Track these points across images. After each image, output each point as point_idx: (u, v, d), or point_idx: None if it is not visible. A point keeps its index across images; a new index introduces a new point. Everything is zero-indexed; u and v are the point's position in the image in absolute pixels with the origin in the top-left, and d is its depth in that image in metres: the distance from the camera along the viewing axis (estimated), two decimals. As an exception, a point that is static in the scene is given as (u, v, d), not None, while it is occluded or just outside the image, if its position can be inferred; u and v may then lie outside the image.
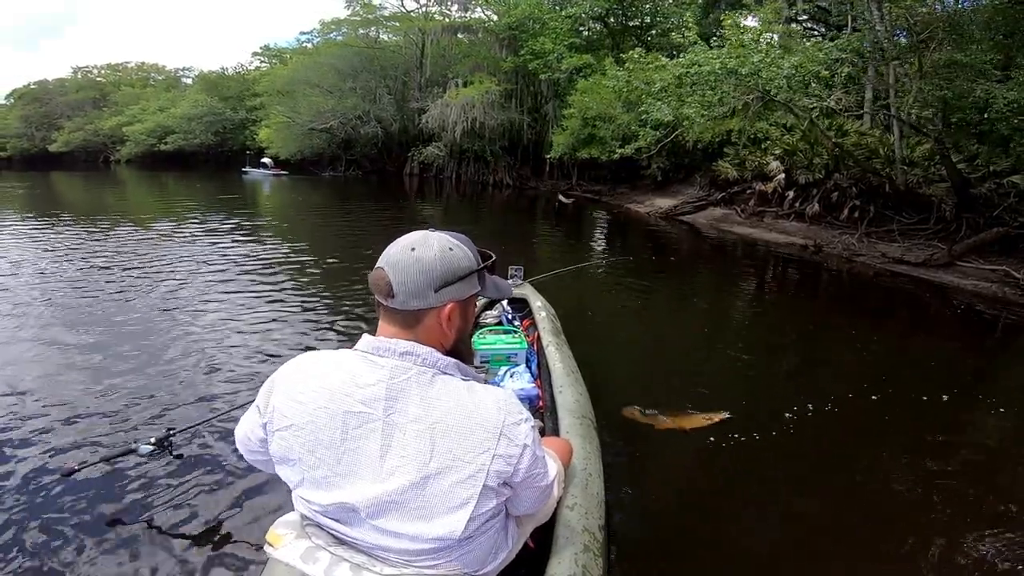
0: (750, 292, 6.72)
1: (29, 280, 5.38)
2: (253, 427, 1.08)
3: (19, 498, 2.08)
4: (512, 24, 20.36)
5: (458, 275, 1.01)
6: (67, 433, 2.54)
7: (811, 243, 8.94)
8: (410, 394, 0.96)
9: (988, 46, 5.57)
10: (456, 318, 1.03)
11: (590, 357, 2.82)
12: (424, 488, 0.95)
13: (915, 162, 8.16)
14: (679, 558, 1.96)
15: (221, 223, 10.01)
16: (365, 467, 0.97)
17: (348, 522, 1.02)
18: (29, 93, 44.91)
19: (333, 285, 5.53)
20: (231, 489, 2.17)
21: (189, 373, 3.25)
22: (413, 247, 0.99)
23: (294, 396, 1.01)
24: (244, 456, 1.16)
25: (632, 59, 8.23)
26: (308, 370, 1.03)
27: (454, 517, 0.96)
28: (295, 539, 1.06)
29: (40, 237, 7.99)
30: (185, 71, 44.68)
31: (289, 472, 1.05)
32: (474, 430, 0.95)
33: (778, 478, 2.49)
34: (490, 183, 22.00)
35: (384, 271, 0.98)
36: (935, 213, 8.11)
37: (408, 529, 0.98)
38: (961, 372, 4.14)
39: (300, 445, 1.00)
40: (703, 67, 6.41)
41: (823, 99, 7.10)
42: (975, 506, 2.30)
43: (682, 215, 12.61)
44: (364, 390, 0.97)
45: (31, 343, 3.70)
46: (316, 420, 0.98)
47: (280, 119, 26.49)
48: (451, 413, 0.96)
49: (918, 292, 6.76)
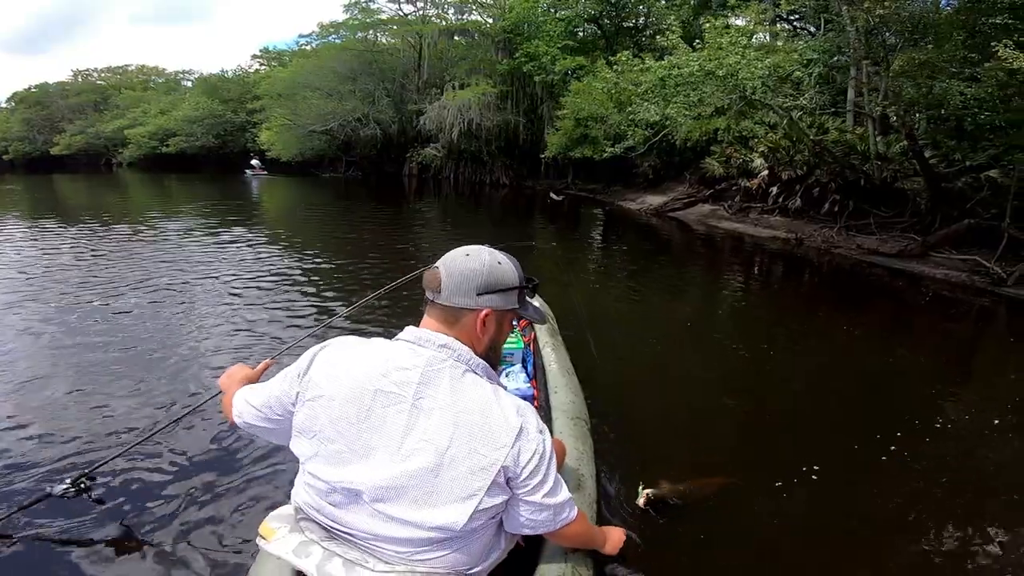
0: (735, 284, 6.96)
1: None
2: (282, 393, 1.13)
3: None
4: (507, 27, 20.78)
5: (500, 286, 1.10)
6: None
7: (793, 237, 9.27)
8: (441, 383, 1.03)
9: (951, 46, 5.87)
10: (491, 324, 1.11)
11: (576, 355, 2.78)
12: (437, 474, 1.00)
13: (890, 158, 8.47)
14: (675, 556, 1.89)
15: (226, 223, 10.26)
16: (384, 445, 1.02)
17: (348, 505, 1.06)
18: (30, 96, 44.91)
19: (332, 286, 5.54)
20: (223, 474, 2.16)
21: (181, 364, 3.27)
22: (468, 253, 1.12)
23: (332, 370, 1.08)
24: (243, 424, 1.20)
25: (620, 61, 8.55)
26: (350, 349, 1.11)
27: (460, 507, 1.00)
28: (288, 533, 1.10)
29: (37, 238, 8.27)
30: (185, 74, 44.63)
31: (305, 444, 1.09)
32: (495, 428, 1.01)
33: (763, 469, 2.41)
34: (487, 183, 22.31)
35: (438, 270, 1.10)
36: (910, 207, 8.44)
37: (411, 516, 1.01)
38: (932, 357, 4.22)
39: (326, 416, 1.05)
40: (683, 69, 6.71)
41: (796, 99, 7.42)
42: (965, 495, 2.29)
43: (672, 211, 12.94)
44: (399, 373, 1.04)
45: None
46: (347, 394, 1.05)
47: (281, 121, 26.77)
48: (476, 407, 1.02)
49: (891, 281, 7.02)
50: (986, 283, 6.50)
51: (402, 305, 4.31)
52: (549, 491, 1.08)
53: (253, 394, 1.20)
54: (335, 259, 6.88)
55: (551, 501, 1.09)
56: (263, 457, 2.28)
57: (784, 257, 8.49)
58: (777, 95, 7.17)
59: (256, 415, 1.18)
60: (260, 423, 1.18)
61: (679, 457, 2.42)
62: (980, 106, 5.89)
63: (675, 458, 2.37)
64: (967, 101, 5.77)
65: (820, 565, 1.85)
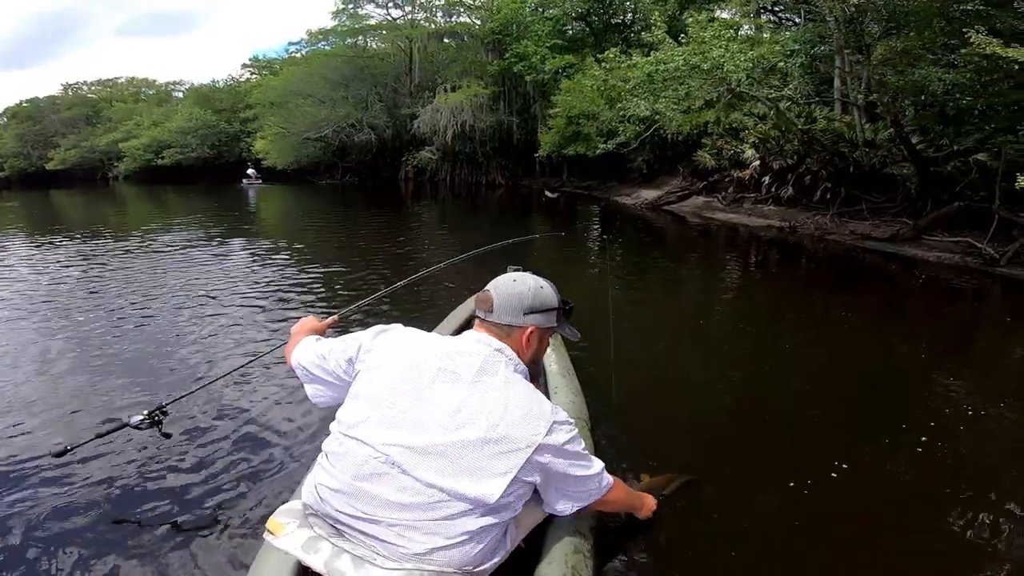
0: (732, 274, 7.03)
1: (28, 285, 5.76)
2: (341, 352, 1.29)
3: (9, 480, 2.14)
4: (496, 29, 20.88)
5: (543, 307, 1.33)
6: (57, 414, 2.69)
7: (787, 225, 9.38)
8: (498, 373, 1.20)
9: (930, 33, 5.96)
10: (534, 340, 1.32)
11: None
12: (482, 448, 1.11)
13: (878, 144, 8.58)
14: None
15: (229, 233, 10.35)
16: (437, 416, 1.13)
17: (381, 476, 1.11)
18: (22, 111, 44.59)
19: (335, 291, 5.65)
20: (228, 467, 2.26)
21: (181, 358, 3.47)
22: (515, 279, 1.34)
23: (395, 346, 1.25)
24: (299, 366, 1.37)
25: (608, 58, 8.65)
26: (412, 334, 1.31)
27: (497, 481, 1.11)
28: (297, 528, 1.14)
29: (44, 251, 8.36)
30: (176, 85, 44.34)
31: (359, 408, 1.20)
32: (536, 414, 1.17)
33: (762, 462, 2.43)
34: (483, 184, 22.41)
35: (491, 292, 1.32)
36: (901, 191, 8.54)
37: (447, 484, 1.09)
38: (931, 344, 4.17)
39: (387, 384, 1.18)
40: (668, 64, 6.82)
41: (780, 89, 7.52)
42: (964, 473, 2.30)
43: (667, 205, 13.04)
44: (463, 357, 1.21)
45: (30, 333, 4.03)
46: (408, 367, 1.20)
47: (275, 130, 26.81)
48: (523, 398, 1.18)
49: (886, 265, 7.12)
50: (979, 264, 6.60)
51: (403, 307, 4.41)
52: (585, 465, 1.26)
53: (317, 344, 1.38)
54: (335, 265, 6.96)
55: (590, 472, 1.27)
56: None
57: (779, 245, 8.59)
58: (763, 87, 7.27)
59: (313, 362, 1.34)
60: (313, 370, 1.34)
61: (678, 455, 2.38)
62: (961, 92, 5.98)
63: (674, 456, 2.34)
64: (946, 87, 5.87)
65: (821, 564, 1.82)
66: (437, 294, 4.88)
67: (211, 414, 2.68)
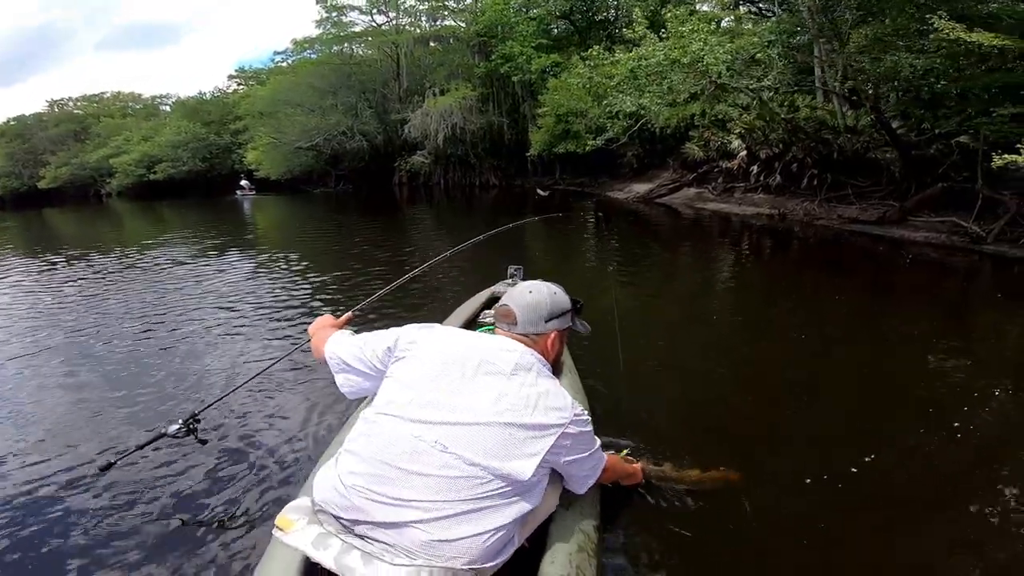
0: (725, 262, 7.18)
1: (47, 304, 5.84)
2: (379, 344, 1.39)
3: (60, 495, 2.23)
4: (481, 31, 21.02)
5: (560, 311, 1.46)
6: (96, 431, 2.79)
7: (776, 212, 9.56)
8: (532, 370, 1.32)
9: (903, 19, 6.11)
10: (557, 343, 1.46)
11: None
12: (519, 432, 1.22)
13: (859, 130, 8.76)
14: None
15: (226, 245, 10.42)
16: (483, 401, 1.24)
17: (418, 455, 1.17)
18: (10, 130, 43.78)
19: (336, 296, 5.72)
20: (241, 467, 2.36)
21: (204, 373, 3.57)
22: (530, 291, 1.46)
23: (436, 340, 1.36)
24: (334, 357, 1.46)
25: (593, 56, 8.78)
26: (451, 331, 1.42)
27: (529, 461, 1.21)
28: (307, 525, 1.15)
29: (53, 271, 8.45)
30: (162, 98, 43.69)
31: (399, 389, 1.29)
32: (560, 409, 1.29)
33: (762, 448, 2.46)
34: (477, 185, 22.53)
35: (510, 307, 1.43)
36: (886, 175, 8.73)
37: (482, 460, 1.18)
38: (929, 325, 4.18)
39: (432, 370, 1.28)
40: (650, 60, 6.96)
41: (760, 79, 7.68)
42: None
43: (659, 197, 13.22)
44: (504, 353, 1.33)
45: (57, 354, 4.09)
46: (457, 356, 1.30)
47: (266, 140, 26.76)
48: (551, 394, 1.30)
49: (874, 247, 7.31)
50: (966, 242, 6.77)
51: (404, 306, 4.56)
52: (593, 447, 1.41)
53: (353, 336, 1.49)
54: (336, 271, 7.06)
55: (597, 452, 1.43)
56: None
57: (770, 232, 8.78)
58: (744, 78, 7.42)
59: (351, 352, 1.44)
60: (350, 360, 1.43)
61: (679, 450, 2.34)
62: (936, 77, 6.14)
63: (675, 451, 2.32)
64: (918, 72, 6.02)
65: (821, 564, 1.82)
66: (443, 289, 5.12)
67: (230, 418, 2.80)
